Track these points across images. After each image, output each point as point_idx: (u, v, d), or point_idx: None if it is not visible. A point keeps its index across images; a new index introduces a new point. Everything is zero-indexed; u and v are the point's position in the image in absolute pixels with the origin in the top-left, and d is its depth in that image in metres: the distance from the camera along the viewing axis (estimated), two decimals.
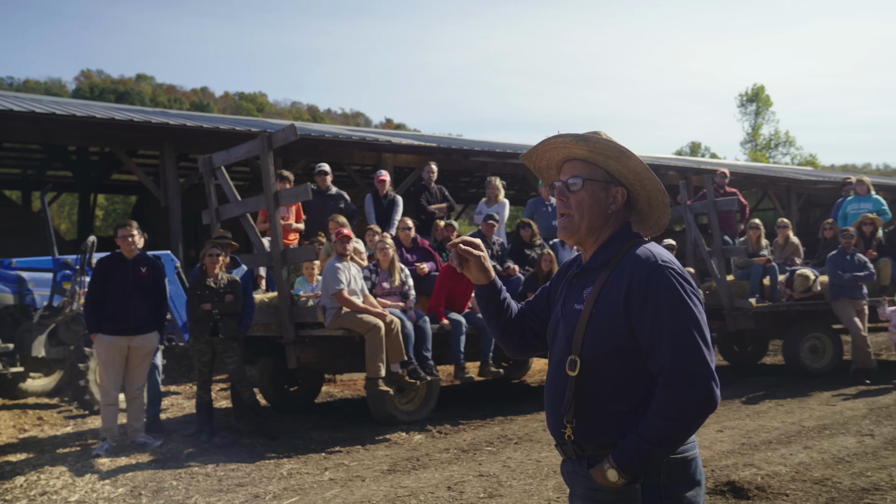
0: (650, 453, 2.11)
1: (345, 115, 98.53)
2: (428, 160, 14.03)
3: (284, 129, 8.03)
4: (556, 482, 5.80)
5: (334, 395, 10.17)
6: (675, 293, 2.15)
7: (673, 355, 2.10)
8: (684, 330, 2.12)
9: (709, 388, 2.10)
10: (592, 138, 2.30)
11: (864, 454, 6.41)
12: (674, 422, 2.10)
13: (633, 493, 2.16)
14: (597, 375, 2.21)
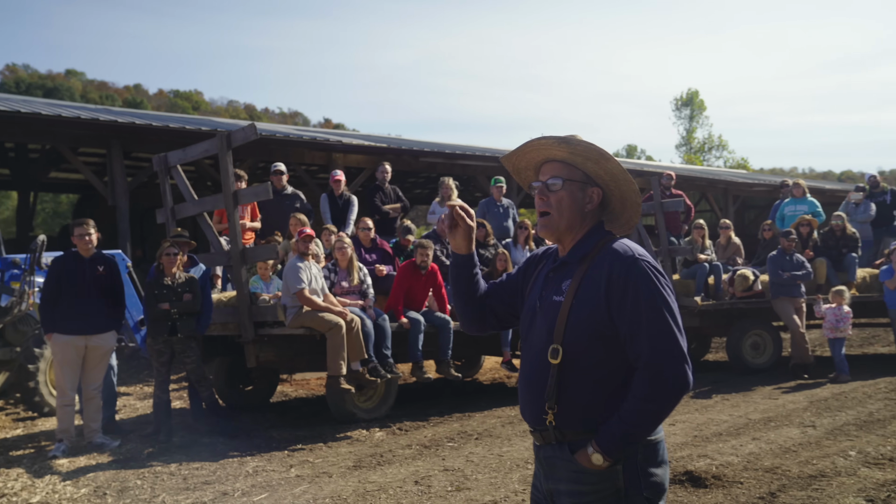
0: (632, 435, 2.27)
1: (283, 115, 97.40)
2: (378, 160, 14.12)
3: (244, 128, 8.03)
4: (520, 475, 5.96)
5: (289, 395, 10.17)
6: (652, 284, 2.30)
7: (651, 341, 2.26)
8: (661, 318, 2.27)
9: (684, 371, 2.27)
10: (573, 140, 2.43)
11: (808, 444, 6.72)
12: (653, 404, 2.26)
13: (615, 473, 2.29)
14: (577, 363, 2.33)
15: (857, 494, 5.26)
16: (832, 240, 11.52)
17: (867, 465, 6.01)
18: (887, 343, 14.16)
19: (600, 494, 2.30)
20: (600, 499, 2.30)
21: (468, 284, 2.67)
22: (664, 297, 2.30)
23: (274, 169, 9.80)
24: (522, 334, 2.55)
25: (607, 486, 2.30)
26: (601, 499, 2.30)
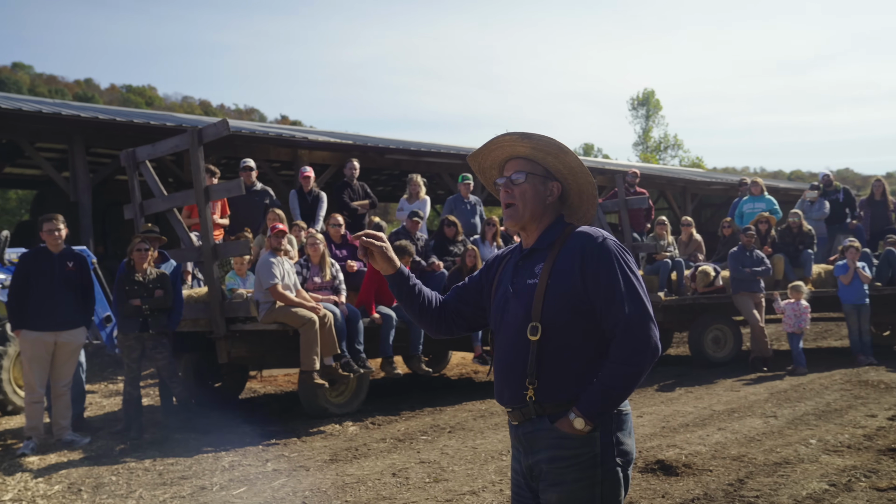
0: (610, 398, 2.44)
1: (239, 111, 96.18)
2: (344, 157, 14.15)
3: (216, 123, 8.02)
4: (496, 466, 6.07)
5: (258, 392, 10.16)
6: (622, 260, 2.50)
7: (627, 311, 2.44)
8: (633, 290, 2.47)
9: (656, 337, 2.48)
10: (535, 136, 2.61)
11: (771, 433, 6.95)
12: (631, 367, 2.43)
13: (593, 439, 2.46)
14: (555, 338, 2.49)
15: (819, 480, 5.47)
16: (789, 237, 11.85)
17: (827, 452, 6.24)
18: (839, 337, 14.59)
19: (580, 459, 2.45)
20: (579, 463, 2.45)
21: (410, 297, 2.81)
22: (634, 272, 2.51)
23: (243, 165, 9.78)
24: (495, 324, 2.68)
25: (586, 451, 2.45)
26: (580, 463, 2.45)
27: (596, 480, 2.46)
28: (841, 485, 5.36)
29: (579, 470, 2.46)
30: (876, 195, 13.50)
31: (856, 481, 5.44)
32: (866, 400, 8.36)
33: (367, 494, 5.42)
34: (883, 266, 11.78)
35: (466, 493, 5.40)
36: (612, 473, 2.47)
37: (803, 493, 5.18)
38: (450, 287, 9.37)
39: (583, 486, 2.46)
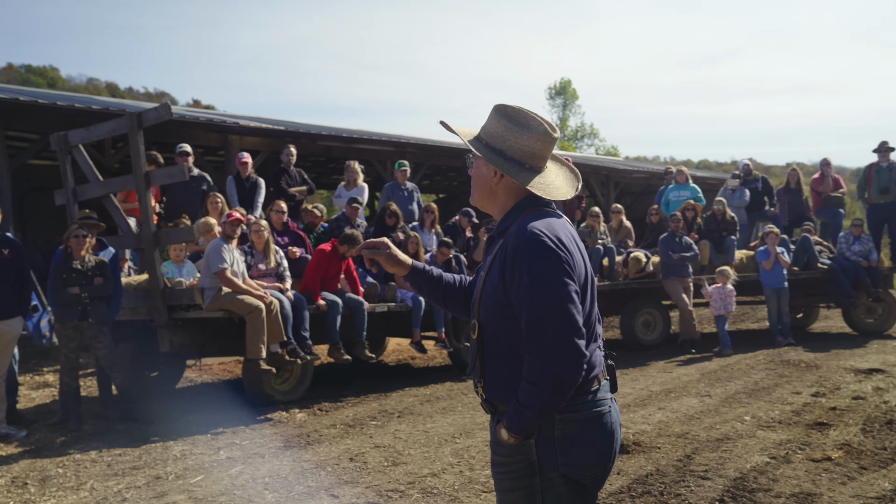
0: (524, 416, 2.22)
1: (148, 95, 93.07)
2: (276, 143, 13.98)
3: (157, 108, 7.86)
4: (451, 449, 6.18)
5: (195, 381, 10.00)
6: (539, 262, 2.21)
7: (528, 324, 2.19)
8: (541, 296, 2.18)
9: (563, 354, 2.17)
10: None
11: (708, 411, 7.27)
12: (534, 386, 2.19)
13: (528, 447, 2.28)
14: (491, 338, 2.35)
15: (760, 453, 5.77)
16: (714, 223, 12.32)
17: (762, 428, 6.58)
18: (756, 319, 15.29)
19: (514, 467, 2.32)
20: (514, 471, 2.32)
21: (431, 287, 2.71)
22: (548, 278, 2.20)
23: (180, 150, 9.57)
24: None
25: (520, 460, 2.30)
26: (515, 471, 2.31)
27: (535, 490, 2.29)
28: (780, 457, 5.67)
29: (514, 479, 2.32)
30: (791, 183, 14.13)
31: (792, 454, 5.77)
32: (790, 378, 8.81)
33: (329, 479, 5.45)
34: (799, 252, 12.38)
35: (427, 475, 5.49)
36: (554, 483, 2.28)
37: (747, 466, 5.46)
38: (391, 274, 9.48)
39: (519, 495, 2.31)
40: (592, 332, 2.35)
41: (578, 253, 2.34)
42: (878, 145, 13.37)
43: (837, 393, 7.92)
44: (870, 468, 5.42)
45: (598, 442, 2.31)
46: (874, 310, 12.62)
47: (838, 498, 4.81)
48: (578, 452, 2.28)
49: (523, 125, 2.40)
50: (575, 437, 2.28)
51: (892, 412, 6.99)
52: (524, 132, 2.39)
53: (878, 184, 13.23)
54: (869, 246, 12.42)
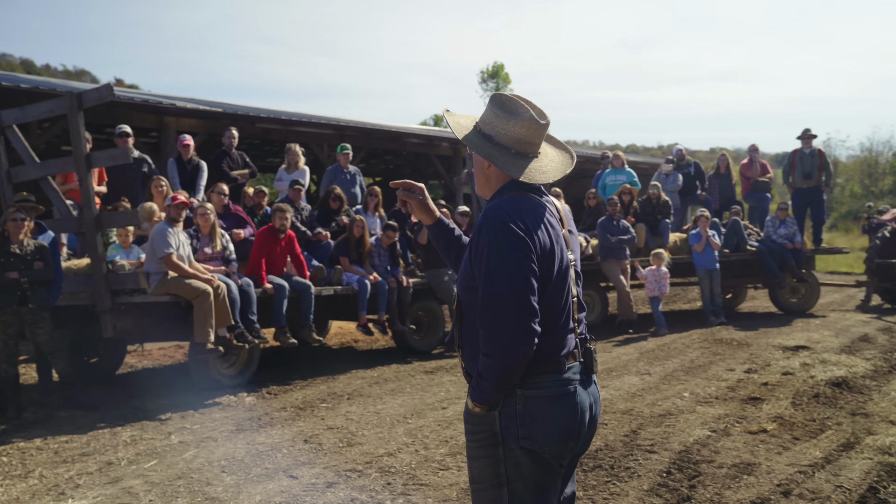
0: (483, 387, 2.34)
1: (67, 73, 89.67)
2: (213, 125, 13.79)
3: (98, 88, 7.69)
4: (405, 429, 6.28)
5: (135, 367, 9.86)
6: (495, 239, 2.31)
7: (482, 298, 2.31)
8: (494, 273, 2.29)
9: (511, 329, 2.27)
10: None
11: (649, 389, 7.54)
12: (488, 358, 2.30)
13: (492, 418, 2.39)
14: (467, 311, 2.47)
15: (701, 427, 6.04)
16: (649, 207, 12.67)
17: (701, 404, 6.86)
18: (687, 300, 15.79)
19: (480, 436, 2.42)
20: (480, 440, 2.42)
21: (449, 244, 2.83)
22: (502, 255, 2.30)
23: (119, 131, 9.36)
24: None
25: (485, 429, 2.40)
26: (481, 440, 2.42)
27: (498, 459, 2.40)
28: (719, 431, 5.95)
29: (480, 447, 2.43)
30: (721, 169, 14.60)
31: (731, 427, 6.05)
32: (723, 356, 9.18)
33: (286, 460, 5.49)
34: (729, 234, 12.84)
35: (383, 454, 5.58)
36: (515, 454, 2.38)
37: (690, 439, 5.71)
38: (336, 257, 9.51)
39: (484, 463, 2.42)
40: (563, 314, 2.43)
41: (547, 236, 2.39)
42: (802, 132, 13.93)
43: (768, 369, 8.29)
44: (802, 438, 5.74)
45: (559, 420, 2.39)
46: (798, 290, 13.18)
47: (775, 466, 5.08)
48: (539, 427, 2.37)
49: (511, 112, 2.50)
50: (536, 413, 2.37)
51: (818, 386, 7.37)
52: (510, 118, 2.49)
53: (801, 169, 13.80)
54: (794, 229, 12.94)
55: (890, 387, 7.41)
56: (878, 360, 8.72)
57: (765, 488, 4.69)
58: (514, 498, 2.40)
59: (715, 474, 4.95)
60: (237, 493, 4.83)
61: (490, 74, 60.25)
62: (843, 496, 4.55)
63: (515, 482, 2.39)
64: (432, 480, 4.99)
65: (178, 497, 4.78)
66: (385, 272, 9.75)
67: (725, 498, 4.55)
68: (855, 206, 49.24)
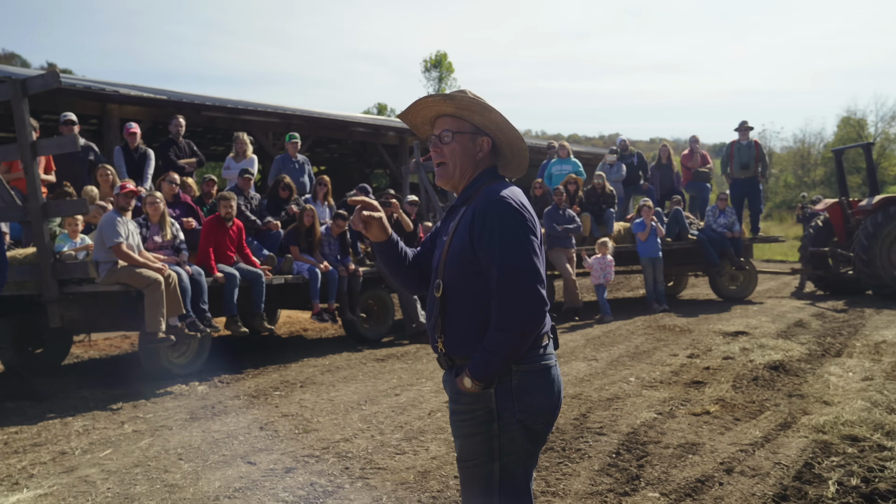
0: (491, 362, 2.45)
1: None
2: (157, 113, 13.61)
3: (44, 75, 7.57)
4: (359, 415, 6.37)
5: (81, 357, 9.73)
6: (507, 221, 2.45)
7: (500, 274, 2.43)
8: (510, 253, 2.43)
9: (530, 303, 2.42)
10: (458, 96, 2.61)
11: (596, 374, 7.76)
12: (504, 332, 2.43)
13: (488, 396, 2.50)
14: (455, 295, 2.55)
15: (647, 410, 6.26)
16: (594, 197, 12.93)
17: (646, 388, 7.10)
18: (630, 288, 16.16)
19: (475, 414, 2.52)
20: (475, 418, 2.52)
21: (398, 262, 2.84)
22: (516, 234, 2.45)
23: (64, 119, 9.19)
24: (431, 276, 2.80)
25: (480, 407, 2.51)
26: (475, 418, 2.52)
27: (493, 434, 2.50)
28: (665, 413, 6.17)
29: (474, 425, 2.53)
30: (663, 159, 14.96)
31: (675, 409, 6.28)
32: (667, 342, 9.47)
33: (243, 447, 5.53)
34: (671, 224, 13.18)
35: (339, 440, 5.66)
36: (511, 429, 2.49)
37: (637, 421, 5.92)
38: (286, 246, 9.52)
39: (478, 440, 2.52)
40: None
41: (535, 218, 2.59)
42: (739, 125, 14.36)
43: (709, 354, 8.59)
44: (742, 419, 5.99)
45: (548, 391, 2.55)
46: (737, 277, 13.63)
47: (718, 446, 5.31)
48: (532, 400, 2.51)
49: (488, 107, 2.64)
50: (529, 386, 2.52)
51: (757, 370, 7.67)
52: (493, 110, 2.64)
53: (739, 160, 14.22)
54: (732, 218, 13.36)
55: (823, 369, 7.75)
56: (813, 344, 9.10)
57: (709, 466, 4.91)
58: (505, 472, 2.53)
59: (662, 454, 5.16)
60: (196, 479, 4.86)
61: (433, 63, 60.31)
62: (782, 472, 4.79)
63: (508, 456, 2.52)
64: (389, 464, 5.10)
65: (136, 485, 4.79)
66: (335, 261, 9.79)
67: (672, 476, 4.75)
68: (789, 195, 50.77)
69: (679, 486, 4.58)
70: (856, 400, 6.42)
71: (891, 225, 13.20)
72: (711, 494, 4.46)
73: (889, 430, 5.44)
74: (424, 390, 7.23)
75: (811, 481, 4.61)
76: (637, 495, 4.48)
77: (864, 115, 57.21)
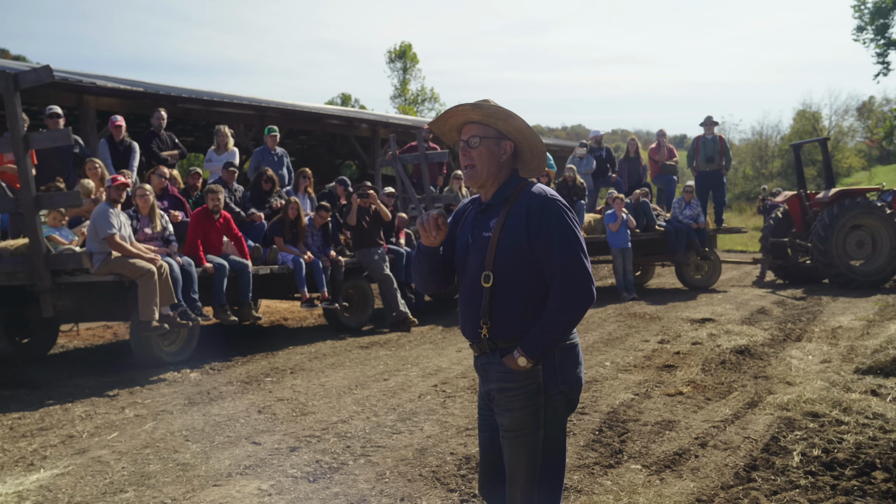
0: (548, 340, 2.79)
1: None
2: (134, 105, 13.71)
3: (37, 70, 7.70)
4: (353, 398, 6.68)
5: (67, 347, 9.87)
6: (562, 218, 2.82)
7: (561, 264, 2.78)
8: (569, 245, 2.79)
9: (588, 288, 2.81)
10: (485, 105, 2.90)
11: None
12: (564, 314, 2.79)
13: (536, 372, 2.83)
14: (505, 285, 2.85)
15: (625, 391, 6.66)
16: (566, 189, 13.32)
17: (622, 371, 7.50)
18: (599, 277, 16.60)
19: (525, 389, 2.85)
20: (525, 392, 2.85)
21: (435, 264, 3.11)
22: (571, 228, 2.82)
23: (50, 112, 9.31)
24: (459, 270, 3.10)
25: (530, 382, 2.85)
26: (525, 392, 2.85)
27: (540, 405, 2.85)
28: (641, 394, 6.58)
29: (525, 398, 2.85)
30: (631, 152, 15.43)
31: (651, 390, 6.69)
32: (638, 329, 9.90)
33: (245, 429, 5.81)
34: (639, 215, 13.64)
35: (336, 422, 5.97)
36: (555, 399, 2.86)
37: (616, 402, 6.31)
38: (270, 237, 9.77)
39: (529, 412, 2.85)
40: None
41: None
42: (704, 119, 14.86)
43: (679, 340, 9.03)
44: (713, 399, 6.42)
45: (579, 365, 2.95)
46: (702, 267, 14.15)
47: (692, 423, 5.72)
48: (570, 373, 2.90)
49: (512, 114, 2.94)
50: (568, 361, 2.91)
51: (724, 354, 8.12)
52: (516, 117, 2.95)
53: (704, 154, 14.73)
54: (698, 210, 13.86)
55: (785, 353, 8.22)
56: (775, 329, 9.60)
57: (685, 441, 5.31)
58: (549, 438, 2.90)
59: (641, 431, 5.55)
60: (206, 458, 5.14)
61: (398, 54, 60.34)
62: (751, 445, 5.20)
63: (552, 424, 2.89)
64: (388, 443, 5.42)
65: (149, 464, 5.05)
66: (318, 251, 10.06)
67: (652, 450, 5.14)
68: (747, 187, 51.90)
69: (659, 459, 4.97)
70: (815, 380, 6.89)
71: (846, 217, 13.82)
72: (688, 466, 4.86)
73: (846, 407, 5.89)
74: (411, 375, 7.56)
75: (778, 453, 5.03)
76: (621, 467, 4.87)
77: (819, 109, 58.78)
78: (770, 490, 4.45)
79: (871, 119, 58.37)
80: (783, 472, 4.70)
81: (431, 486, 4.61)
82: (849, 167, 53.51)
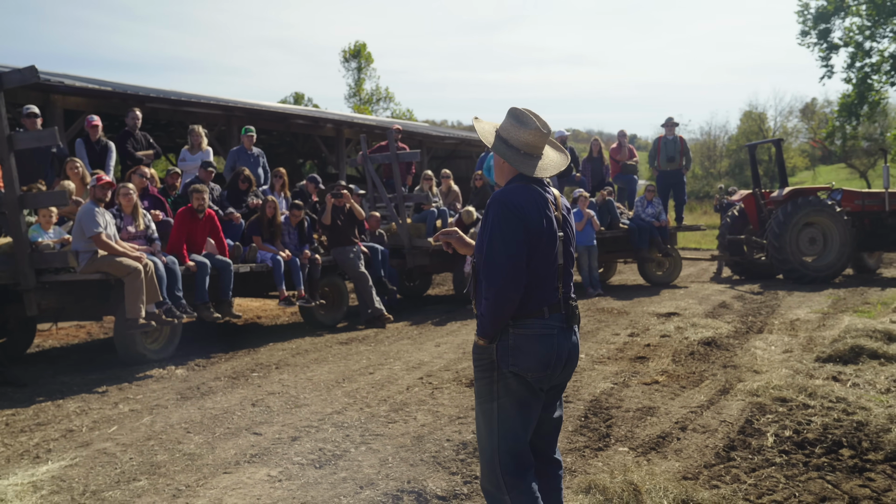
0: (483, 322, 3.19)
1: None
2: (102, 104, 13.66)
3: (22, 70, 7.75)
4: (342, 391, 6.88)
5: (42, 346, 9.87)
6: (494, 217, 3.14)
7: (485, 256, 3.16)
8: (490, 240, 3.14)
9: (499, 277, 3.10)
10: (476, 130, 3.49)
11: None
12: (489, 301, 3.15)
13: (491, 350, 3.22)
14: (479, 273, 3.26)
15: (604, 381, 6.98)
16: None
17: (597, 363, 7.83)
18: None
19: (482, 363, 3.27)
20: (482, 365, 3.27)
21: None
22: (499, 227, 3.11)
23: (27, 112, 9.31)
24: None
25: (485, 358, 3.24)
26: (482, 366, 3.27)
27: (493, 379, 3.21)
28: (620, 383, 6.91)
29: (482, 371, 3.26)
30: (594, 152, 15.83)
31: (628, 380, 7.03)
32: (608, 323, 10.26)
33: (243, 421, 5.98)
34: (603, 213, 14.04)
35: (331, 413, 6.17)
36: (506, 377, 3.18)
37: (597, 391, 6.63)
38: (249, 236, 9.90)
39: (484, 383, 3.25)
40: (548, 275, 3.22)
41: (539, 216, 3.19)
42: (665, 121, 15.36)
43: (648, 333, 9.40)
44: (687, 387, 6.77)
45: (539, 353, 3.18)
46: (663, 264, 14.61)
47: (671, 409, 6.06)
48: (523, 358, 3.18)
49: (522, 123, 3.30)
50: (523, 346, 3.19)
51: (692, 346, 8.51)
52: (521, 128, 3.29)
53: (665, 154, 15.22)
54: (659, 208, 14.31)
55: (750, 344, 8.64)
56: (737, 322, 10.04)
57: (666, 426, 5.64)
58: (501, 409, 3.23)
59: (624, 417, 5.87)
60: (211, 448, 5.31)
61: (352, 54, 60.29)
62: (727, 428, 5.55)
63: (504, 398, 3.21)
64: (385, 431, 5.65)
65: (156, 454, 5.21)
66: (294, 249, 10.22)
67: (637, 434, 5.46)
68: (696, 186, 53.05)
69: (644, 442, 5.29)
70: (780, 369, 7.29)
71: (799, 214, 14.39)
72: (672, 447, 5.19)
73: (811, 392, 6.29)
74: (396, 369, 7.79)
75: (752, 434, 5.39)
76: (610, 450, 5.17)
77: (765, 110, 60.35)
78: (749, 468, 4.79)
79: (814, 120, 60.13)
80: (759, 451, 5.05)
81: (434, 469, 4.85)
82: (793, 167, 55.02)
